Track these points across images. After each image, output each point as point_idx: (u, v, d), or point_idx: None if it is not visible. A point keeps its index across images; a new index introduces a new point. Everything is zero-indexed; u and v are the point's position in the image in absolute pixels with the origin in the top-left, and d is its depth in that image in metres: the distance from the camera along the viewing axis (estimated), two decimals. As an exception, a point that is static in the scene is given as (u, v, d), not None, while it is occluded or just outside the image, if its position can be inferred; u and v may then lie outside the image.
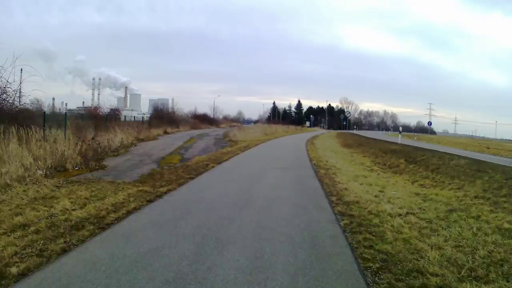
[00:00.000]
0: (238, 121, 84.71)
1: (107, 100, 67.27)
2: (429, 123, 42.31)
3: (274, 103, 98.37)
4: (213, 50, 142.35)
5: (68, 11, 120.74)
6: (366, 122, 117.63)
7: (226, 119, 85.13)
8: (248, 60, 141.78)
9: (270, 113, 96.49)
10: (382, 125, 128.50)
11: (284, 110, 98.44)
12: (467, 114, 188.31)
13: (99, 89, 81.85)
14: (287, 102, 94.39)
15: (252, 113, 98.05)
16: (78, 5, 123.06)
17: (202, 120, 57.85)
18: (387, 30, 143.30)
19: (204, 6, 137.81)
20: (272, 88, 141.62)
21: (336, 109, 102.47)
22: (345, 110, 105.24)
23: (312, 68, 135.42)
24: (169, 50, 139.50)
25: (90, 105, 32.36)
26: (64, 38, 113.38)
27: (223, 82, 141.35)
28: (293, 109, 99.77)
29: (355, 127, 60.54)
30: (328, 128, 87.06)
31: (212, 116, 77.63)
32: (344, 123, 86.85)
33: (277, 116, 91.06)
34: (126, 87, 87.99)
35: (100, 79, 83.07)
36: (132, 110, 73.11)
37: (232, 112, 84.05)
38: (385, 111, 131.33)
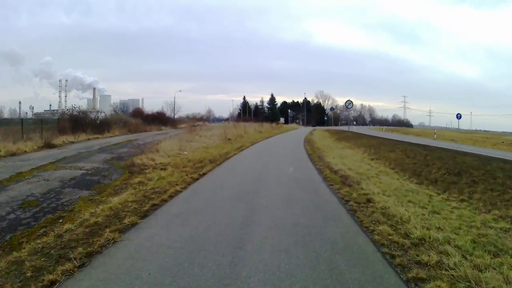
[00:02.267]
0: (207, 119, 74.66)
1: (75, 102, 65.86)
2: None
3: (244, 98, 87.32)
4: (183, 49, 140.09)
5: (36, 14, 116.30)
6: (343, 116, 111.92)
7: (189, 118, 74.98)
8: (218, 58, 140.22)
9: (240, 110, 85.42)
10: (360, 120, 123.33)
11: (256, 106, 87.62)
12: (440, 106, 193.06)
13: (66, 91, 77.50)
14: (259, 99, 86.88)
15: (223, 111, 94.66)
16: (46, 7, 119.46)
17: (152, 120, 46.07)
18: (356, 25, 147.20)
19: (173, 6, 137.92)
20: (243, 85, 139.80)
21: (312, 104, 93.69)
22: (326, 106, 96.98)
23: (282, 64, 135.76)
24: (138, 50, 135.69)
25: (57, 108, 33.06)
26: (32, 40, 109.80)
27: (193, 81, 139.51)
28: (265, 104, 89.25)
29: (354, 122, 50.94)
30: (306, 124, 77.67)
31: (169, 114, 65.92)
32: (325, 118, 78.00)
33: (248, 112, 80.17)
34: (94, 88, 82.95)
35: (66, 80, 78.72)
36: (99, 112, 69.71)
37: (202, 111, 78.90)
38: (362, 104, 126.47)
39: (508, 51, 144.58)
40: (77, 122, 24.16)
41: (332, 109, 30.61)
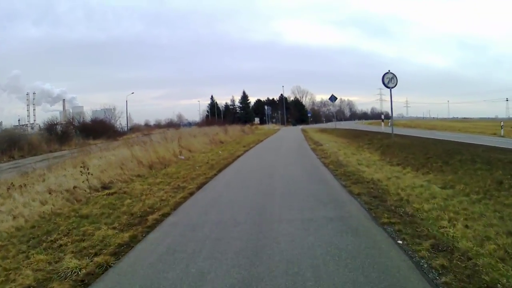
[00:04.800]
0: (176, 125, 63.71)
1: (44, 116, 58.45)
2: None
3: (212, 97, 75.67)
4: (154, 56, 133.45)
5: (4, 27, 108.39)
6: (323, 112, 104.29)
7: (148, 125, 64.49)
8: (190, 63, 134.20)
9: (208, 111, 73.89)
10: (340, 115, 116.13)
11: (226, 106, 76.35)
12: (416, 97, 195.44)
13: (34, 104, 73.94)
14: (231, 99, 79.25)
15: (195, 115, 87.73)
16: (14, 20, 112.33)
17: (87, 130, 34.56)
18: (326, 22, 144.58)
19: (142, 12, 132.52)
20: (216, 89, 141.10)
21: (289, 101, 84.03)
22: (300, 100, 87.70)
23: (255, 65, 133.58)
24: (110, 59, 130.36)
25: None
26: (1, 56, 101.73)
27: (166, 87, 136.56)
28: (237, 103, 78.25)
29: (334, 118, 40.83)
30: (285, 124, 67.67)
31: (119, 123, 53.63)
32: (309, 114, 68.45)
33: (218, 114, 68.89)
34: (63, 100, 79.79)
35: (34, 93, 74.75)
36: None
37: (174, 116, 73.56)
38: (341, 99, 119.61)
39: (476, 39, 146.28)
40: None
41: (333, 98, 20.84)
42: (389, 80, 12.76)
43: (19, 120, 68.83)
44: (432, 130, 30.28)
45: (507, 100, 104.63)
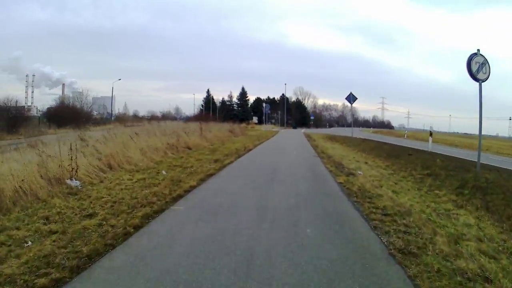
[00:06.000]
0: (168, 118, 58.91)
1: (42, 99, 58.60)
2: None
3: (208, 91, 69.93)
4: (158, 47, 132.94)
5: (10, 8, 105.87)
6: (324, 117, 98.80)
7: (137, 116, 59.67)
8: (193, 57, 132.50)
9: (202, 106, 68.17)
10: (341, 120, 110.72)
11: (222, 102, 70.45)
12: (417, 108, 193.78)
13: (32, 87, 71.81)
14: (233, 95, 74.75)
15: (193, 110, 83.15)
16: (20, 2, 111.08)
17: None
18: (332, 27, 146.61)
19: (148, 3, 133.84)
20: (217, 85, 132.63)
21: (290, 101, 78.22)
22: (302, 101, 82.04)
23: (258, 64, 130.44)
24: (113, 48, 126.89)
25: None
26: (5, 35, 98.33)
27: (168, 79, 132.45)
28: (235, 100, 72.45)
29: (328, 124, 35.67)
30: (285, 125, 62.04)
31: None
32: (312, 117, 62.89)
33: (213, 110, 63.19)
34: (63, 84, 77.38)
35: (34, 75, 72.20)
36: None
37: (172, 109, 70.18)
38: (344, 104, 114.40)
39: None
40: None
41: (352, 98, 15.69)
42: (478, 68, 7.19)
43: (16, 102, 67.90)
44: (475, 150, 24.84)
45: (510, 119, 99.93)
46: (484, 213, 5.05)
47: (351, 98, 17.16)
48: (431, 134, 14.66)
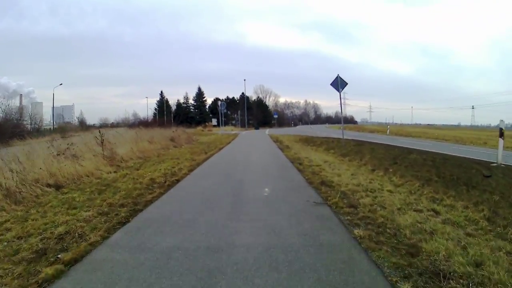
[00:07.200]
0: (130, 124, 52.23)
1: None
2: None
3: (161, 93, 64.19)
4: (117, 53, 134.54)
5: None
6: (287, 115, 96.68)
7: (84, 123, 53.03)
8: (153, 61, 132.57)
9: (156, 110, 62.35)
10: (304, 118, 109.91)
11: (178, 104, 65.21)
12: (379, 102, 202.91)
13: None
14: (189, 96, 69.45)
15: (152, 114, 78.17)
16: None
17: None
18: (289, 25, 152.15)
19: (105, 8, 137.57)
20: (177, 88, 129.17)
21: (251, 100, 74.85)
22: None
23: (216, 66, 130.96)
24: (72, 55, 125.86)
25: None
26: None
27: (127, 85, 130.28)
28: (191, 102, 67.37)
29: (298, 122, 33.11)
30: (247, 126, 58.37)
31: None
32: (275, 115, 59.84)
33: (168, 113, 57.75)
34: (20, 95, 73.76)
35: None
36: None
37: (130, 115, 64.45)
38: (306, 101, 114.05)
39: (440, 48, 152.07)
40: None
41: (340, 83, 12.27)
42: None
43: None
44: (441, 141, 23.55)
45: (473, 108, 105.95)
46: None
47: (340, 83, 12.77)
48: (502, 134, 9.12)
